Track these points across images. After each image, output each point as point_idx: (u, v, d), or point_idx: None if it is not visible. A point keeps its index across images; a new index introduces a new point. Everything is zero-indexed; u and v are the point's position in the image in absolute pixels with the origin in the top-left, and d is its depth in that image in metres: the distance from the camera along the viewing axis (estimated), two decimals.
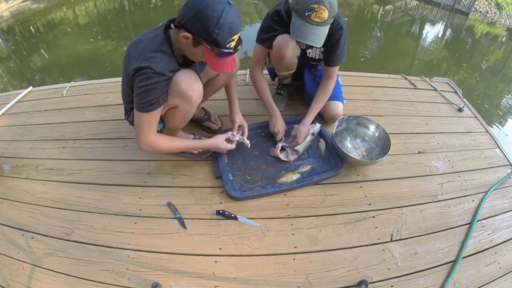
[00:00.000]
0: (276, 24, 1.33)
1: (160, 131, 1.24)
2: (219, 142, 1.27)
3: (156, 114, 1.07)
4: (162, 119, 1.24)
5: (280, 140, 1.46)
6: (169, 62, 1.02)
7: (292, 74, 1.58)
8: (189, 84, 1.07)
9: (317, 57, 1.50)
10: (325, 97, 1.47)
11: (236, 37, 0.95)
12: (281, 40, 1.33)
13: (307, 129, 1.44)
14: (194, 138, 1.46)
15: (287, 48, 1.34)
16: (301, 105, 1.72)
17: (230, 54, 0.97)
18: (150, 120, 1.07)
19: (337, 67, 1.42)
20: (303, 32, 1.16)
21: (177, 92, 1.06)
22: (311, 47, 1.45)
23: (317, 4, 1.08)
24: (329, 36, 1.28)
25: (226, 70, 1.02)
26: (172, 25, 1.01)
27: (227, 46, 0.94)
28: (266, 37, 1.38)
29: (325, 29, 1.17)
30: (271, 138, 1.50)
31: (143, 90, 0.99)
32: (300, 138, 1.40)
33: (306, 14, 1.11)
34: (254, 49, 1.47)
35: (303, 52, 1.49)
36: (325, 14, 1.11)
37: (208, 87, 1.34)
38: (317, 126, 1.47)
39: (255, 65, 1.48)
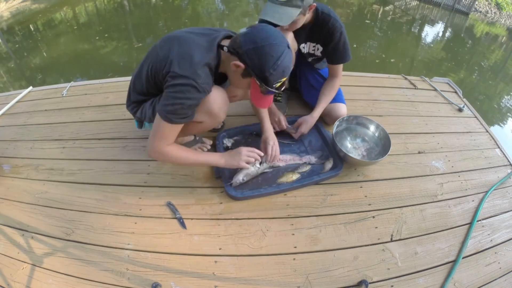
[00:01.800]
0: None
1: None
2: (239, 157, 1.16)
3: (179, 127, 1.04)
4: None
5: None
6: (211, 79, 1.00)
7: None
8: (221, 106, 1.09)
9: (311, 52, 1.50)
10: (333, 92, 1.50)
11: (284, 79, 0.97)
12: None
13: (314, 121, 1.49)
14: (194, 139, 1.45)
15: (287, 38, 1.33)
16: (300, 107, 1.72)
17: (274, 93, 1.00)
18: (172, 131, 1.03)
19: (341, 66, 1.45)
20: (266, 11, 1.16)
21: (208, 110, 1.07)
22: (302, 42, 1.45)
23: None
24: (328, 37, 1.34)
25: (265, 106, 1.06)
26: (225, 48, 0.97)
27: (274, 86, 0.96)
28: None
29: (291, 10, 1.15)
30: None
31: (179, 102, 0.94)
32: (305, 127, 1.44)
33: None
34: None
35: (299, 49, 1.49)
36: None
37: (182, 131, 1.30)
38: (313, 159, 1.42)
39: None
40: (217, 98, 1.07)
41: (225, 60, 1.01)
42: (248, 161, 1.17)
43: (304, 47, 1.49)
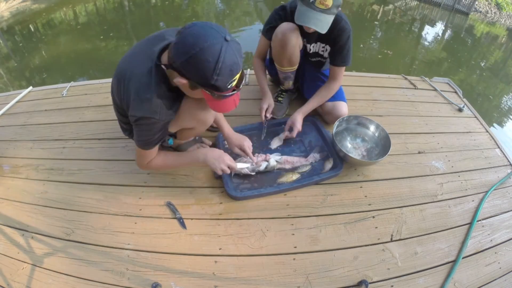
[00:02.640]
0: (279, 18, 1.38)
1: (171, 147, 1.33)
2: (218, 155, 1.15)
3: (155, 149, 1.11)
4: (173, 135, 1.28)
5: (266, 120, 1.50)
6: (171, 106, 0.97)
7: (294, 76, 1.57)
8: (206, 112, 1.11)
9: (320, 53, 1.49)
10: (328, 95, 1.49)
11: (237, 76, 0.85)
12: (285, 26, 1.34)
13: (302, 118, 1.46)
14: (194, 139, 1.46)
15: (291, 34, 1.33)
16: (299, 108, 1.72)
17: (231, 95, 0.88)
18: (151, 152, 1.10)
19: (343, 68, 1.44)
20: (307, 17, 1.18)
21: (195, 117, 1.10)
22: (312, 42, 1.45)
23: None
24: (336, 37, 1.34)
25: (230, 109, 0.92)
26: (161, 65, 0.89)
27: (228, 87, 0.84)
28: (268, 28, 1.43)
29: (329, 18, 1.19)
30: (269, 138, 1.51)
31: (146, 136, 1.01)
32: (298, 124, 1.43)
33: (311, 0, 1.15)
34: (259, 41, 1.54)
35: (304, 48, 1.49)
36: (329, 2, 1.14)
37: (179, 135, 1.31)
38: (317, 156, 1.43)
39: (256, 56, 1.60)
40: (200, 104, 1.06)
41: (170, 76, 0.91)
42: (224, 171, 1.15)
43: (313, 47, 1.48)
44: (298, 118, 1.44)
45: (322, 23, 1.19)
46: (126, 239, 1.14)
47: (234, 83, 0.85)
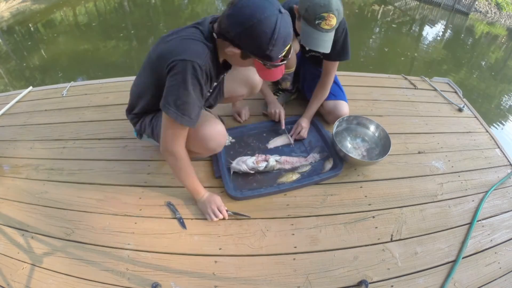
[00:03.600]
0: None
1: None
2: (213, 199, 1.17)
3: (186, 129, 0.99)
4: None
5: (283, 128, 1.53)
6: (215, 62, 0.96)
7: (292, 77, 1.57)
8: (218, 142, 1.11)
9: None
10: (325, 93, 1.50)
11: (288, 47, 0.87)
12: None
13: (309, 122, 1.53)
14: None
15: None
16: (301, 107, 1.72)
17: (281, 64, 0.91)
18: (183, 130, 0.98)
19: (336, 63, 1.43)
20: (314, 39, 1.18)
21: (205, 147, 1.10)
22: None
23: (327, 13, 1.10)
24: None
25: (278, 77, 0.96)
26: (213, 33, 0.90)
27: (279, 57, 0.87)
28: None
29: (333, 34, 1.20)
30: (270, 138, 1.51)
31: (182, 92, 0.88)
32: (303, 131, 1.48)
33: (316, 22, 1.12)
34: None
35: (301, 46, 1.48)
36: (334, 21, 1.13)
37: (229, 100, 1.33)
38: (317, 156, 1.43)
39: None
40: (210, 131, 1.06)
41: (220, 46, 0.92)
42: (214, 216, 1.16)
43: None
44: (304, 125, 1.50)
45: (328, 43, 1.18)
46: (126, 239, 1.14)
47: (284, 53, 0.88)
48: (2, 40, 5.72)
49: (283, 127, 1.53)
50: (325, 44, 1.18)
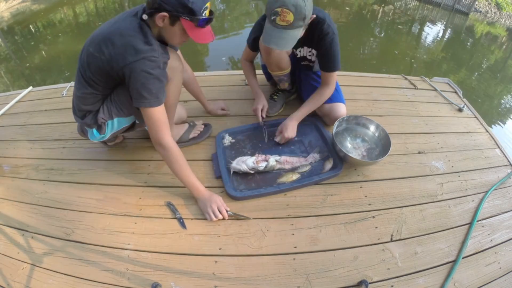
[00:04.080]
0: (260, 28, 1.31)
1: None
2: (214, 199, 1.19)
3: (163, 108, 1.08)
4: None
5: (264, 124, 1.52)
6: (162, 47, 1.06)
7: (289, 78, 1.57)
8: (176, 58, 1.17)
9: (308, 57, 1.49)
10: (320, 101, 1.47)
11: (208, 5, 1.00)
12: None
13: (296, 124, 1.45)
14: (189, 126, 1.50)
15: None
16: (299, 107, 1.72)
17: (208, 21, 1.02)
18: (162, 114, 1.07)
19: (334, 74, 1.39)
20: (269, 35, 1.14)
21: (169, 66, 1.11)
22: (299, 47, 1.45)
23: (281, 8, 1.07)
24: (319, 41, 1.31)
25: (208, 39, 1.05)
26: (144, 16, 1.00)
27: (203, 14, 0.99)
28: (251, 39, 1.44)
29: (294, 32, 1.13)
30: (270, 140, 1.51)
31: (151, 82, 0.99)
32: (286, 132, 1.41)
33: (272, 18, 1.10)
34: (245, 48, 1.54)
35: (293, 52, 1.49)
36: (290, 17, 1.08)
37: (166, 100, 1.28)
38: (317, 156, 1.43)
39: (243, 59, 1.59)
40: (172, 55, 1.14)
41: (152, 25, 1.03)
42: (213, 216, 1.17)
43: (300, 51, 1.47)
44: (289, 125, 1.42)
45: (285, 41, 1.13)
46: (126, 239, 1.14)
47: (207, 11, 1.00)
48: (2, 40, 5.72)
49: (261, 123, 1.50)
50: (281, 42, 1.13)
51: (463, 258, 1.13)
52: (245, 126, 1.56)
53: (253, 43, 1.44)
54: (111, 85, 1.11)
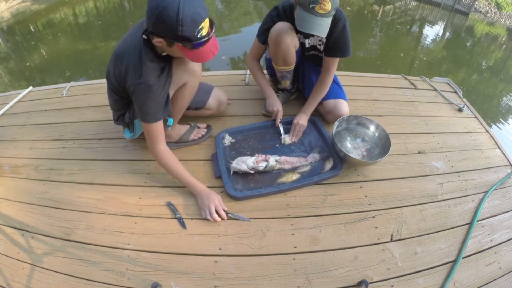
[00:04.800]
0: (271, 20, 1.39)
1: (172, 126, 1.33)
2: (213, 197, 1.20)
3: (161, 125, 1.16)
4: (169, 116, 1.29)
5: (280, 122, 1.54)
6: (162, 69, 1.08)
7: (292, 76, 1.57)
8: (193, 62, 1.19)
9: (317, 46, 1.49)
10: (324, 90, 1.50)
11: (204, 24, 0.93)
12: (280, 25, 1.35)
13: (306, 117, 1.51)
14: (190, 127, 1.50)
15: (286, 34, 1.35)
16: (300, 107, 1.72)
17: (205, 42, 0.97)
18: (158, 129, 1.15)
19: (336, 59, 1.43)
20: (308, 22, 1.19)
21: (184, 69, 1.18)
22: (309, 37, 1.46)
23: None
24: (332, 27, 1.30)
25: (208, 57, 1.01)
26: (144, 36, 1.01)
27: (198, 36, 0.93)
28: (261, 32, 1.45)
29: (329, 20, 1.21)
30: (270, 140, 1.51)
31: (148, 103, 1.07)
32: (300, 119, 1.48)
33: (311, 6, 1.15)
34: (253, 44, 1.54)
35: (301, 45, 1.49)
36: (329, 6, 1.15)
37: (176, 102, 1.30)
38: (317, 156, 1.43)
39: (251, 58, 1.59)
40: (184, 59, 1.16)
41: (154, 43, 1.01)
42: (209, 215, 1.18)
43: (311, 40, 1.48)
44: (300, 116, 1.50)
45: (323, 28, 1.20)
46: (126, 239, 1.14)
47: (203, 31, 0.94)
48: (2, 40, 5.72)
49: (277, 125, 1.53)
50: (320, 28, 1.19)
51: (463, 258, 1.13)
52: (245, 126, 1.56)
53: (263, 35, 1.44)
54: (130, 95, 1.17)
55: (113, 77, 1.13)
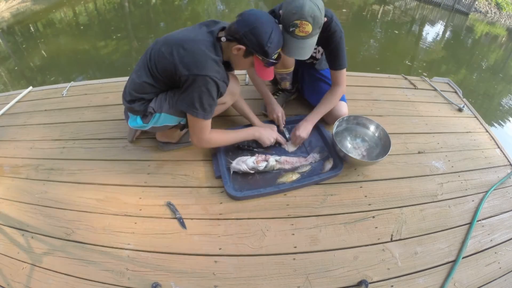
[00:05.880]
0: None
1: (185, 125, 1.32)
2: (270, 131, 1.40)
3: (210, 120, 1.19)
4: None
5: (284, 127, 1.55)
6: (224, 71, 1.14)
7: (291, 77, 1.57)
8: (235, 83, 1.32)
9: (313, 54, 1.50)
10: (333, 102, 1.47)
11: (280, 50, 1.12)
12: None
13: (310, 126, 1.46)
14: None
15: None
16: (300, 107, 1.72)
17: (274, 63, 1.12)
18: (208, 124, 1.19)
19: (343, 72, 1.41)
20: (289, 47, 1.17)
21: (229, 91, 1.25)
22: None
23: (299, 20, 1.08)
24: (328, 38, 1.32)
25: (269, 77, 1.18)
26: (223, 38, 1.09)
27: (273, 57, 1.10)
28: None
29: (312, 40, 1.17)
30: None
31: (205, 97, 1.09)
32: (298, 131, 1.43)
33: (291, 29, 1.12)
34: None
35: None
36: (309, 28, 1.11)
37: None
38: (318, 156, 1.43)
39: None
40: (233, 80, 1.29)
41: (225, 48, 1.13)
42: (270, 142, 1.40)
43: None
44: (302, 125, 1.44)
45: (304, 50, 1.17)
46: (126, 239, 1.14)
47: (276, 55, 1.12)
48: (2, 40, 5.72)
49: (282, 127, 1.53)
50: (302, 52, 1.17)
51: (463, 258, 1.13)
52: (248, 126, 1.56)
53: None
54: (171, 84, 1.17)
55: (163, 59, 1.09)
